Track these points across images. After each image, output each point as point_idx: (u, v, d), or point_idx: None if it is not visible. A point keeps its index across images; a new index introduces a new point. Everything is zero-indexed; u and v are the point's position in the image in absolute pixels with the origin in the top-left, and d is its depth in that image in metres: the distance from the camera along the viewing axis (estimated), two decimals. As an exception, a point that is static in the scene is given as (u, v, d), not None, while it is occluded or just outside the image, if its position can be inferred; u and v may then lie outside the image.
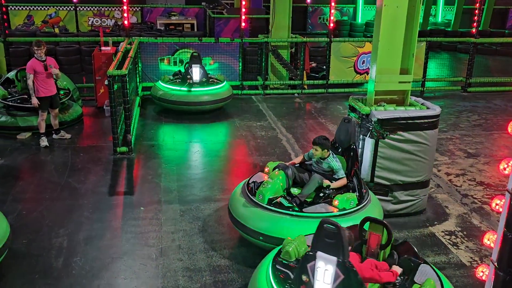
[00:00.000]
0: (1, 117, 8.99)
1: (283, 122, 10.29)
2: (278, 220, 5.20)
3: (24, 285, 4.90)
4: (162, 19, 18.00)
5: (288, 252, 4.21)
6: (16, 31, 15.30)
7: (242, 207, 5.47)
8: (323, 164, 5.74)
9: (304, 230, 4.92)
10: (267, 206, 5.30)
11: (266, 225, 5.22)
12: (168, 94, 10.37)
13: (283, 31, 12.40)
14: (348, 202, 5.30)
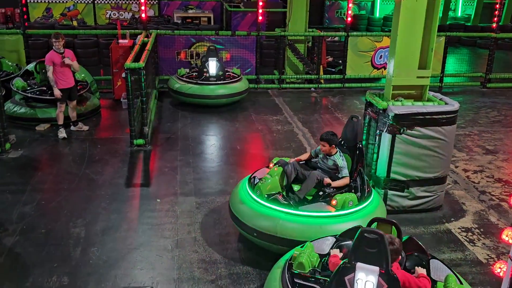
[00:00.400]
0: (21, 109, 9.12)
1: (299, 117, 10.27)
2: (272, 217, 5.08)
3: (43, 274, 4.98)
4: (179, 12, 18.04)
5: (302, 263, 4.01)
6: (35, 23, 15.49)
7: (240, 201, 5.39)
8: (329, 160, 5.65)
9: (298, 229, 4.92)
10: (263, 203, 5.20)
11: (260, 222, 5.11)
12: (184, 87, 10.41)
13: (300, 25, 12.35)
14: (346, 202, 5.15)
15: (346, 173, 5.56)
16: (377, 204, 5.50)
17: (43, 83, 9.43)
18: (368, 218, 4.96)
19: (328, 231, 4.82)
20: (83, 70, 10.30)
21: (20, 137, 8.52)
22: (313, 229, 4.92)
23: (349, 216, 5.11)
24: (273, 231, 5.01)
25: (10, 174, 7.23)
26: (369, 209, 5.30)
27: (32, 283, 4.84)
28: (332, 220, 5.03)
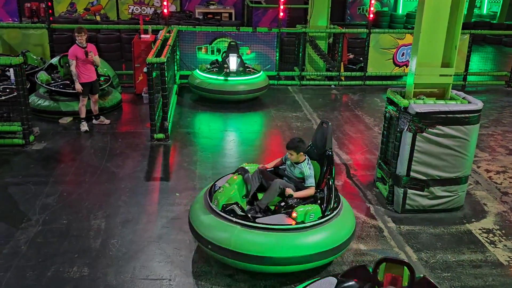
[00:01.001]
0: (45, 102, 9.28)
1: (319, 114, 10.23)
2: (226, 229, 4.74)
3: (64, 263, 5.08)
4: (200, 8, 18.11)
5: None
6: (59, 18, 15.71)
7: (197, 211, 5.10)
8: (296, 169, 5.38)
9: (254, 242, 4.61)
10: (219, 213, 4.88)
11: (214, 233, 4.78)
12: (205, 82, 10.46)
13: (322, 22, 12.29)
14: (308, 215, 4.79)
15: (311, 183, 5.26)
16: (347, 217, 5.17)
17: (66, 77, 9.57)
18: (332, 232, 4.85)
19: (285, 245, 4.63)
20: (105, 64, 10.43)
21: (43, 129, 8.68)
22: (270, 243, 4.63)
23: (310, 230, 4.77)
24: (227, 244, 4.68)
25: (34, 166, 7.37)
26: (335, 223, 4.96)
27: (53, 273, 4.93)
28: (291, 234, 4.70)
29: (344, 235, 5.00)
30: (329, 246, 4.83)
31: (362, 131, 9.36)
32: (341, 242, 4.95)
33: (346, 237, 5.02)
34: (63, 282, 4.82)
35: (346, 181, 7.27)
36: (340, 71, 12.40)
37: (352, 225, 5.19)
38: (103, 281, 4.85)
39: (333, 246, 4.87)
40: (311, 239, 4.75)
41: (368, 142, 8.78)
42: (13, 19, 17.55)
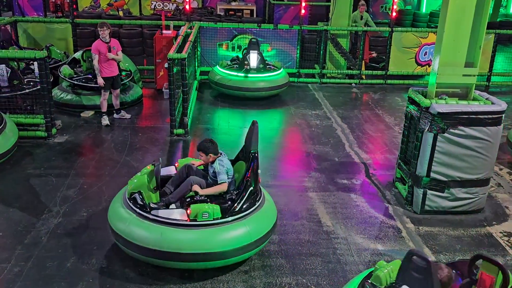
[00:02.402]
0: (67, 95, 9.41)
1: (339, 112, 10.17)
2: (122, 217, 4.87)
3: (83, 255, 5.15)
4: (222, 4, 18.13)
5: (379, 276, 3.80)
6: (83, 13, 15.88)
7: (117, 196, 5.26)
8: (211, 169, 5.34)
9: (140, 234, 4.68)
10: (120, 201, 5.05)
11: (112, 220, 4.97)
12: (225, 79, 10.48)
13: (343, 19, 12.20)
14: (200, 214, 4.73)
15: (222, 179, 5.19)
16: (254, 222, 4.95)
17: (89, 71, 9.69)
18: (227, 234, 4.73)
19: (169, 239, 4.64)
20: (127, 59, 10.52)
21: (66, 122, 8.80)
22: (154, 235, 4.67)
23: (206, 228, 4.73)
24: (122, 232, 4.80)
25: (56, 158, 7.49)
26: (233, 226, 4.83)
27: (72, 264, 5.01)
28: (177, 230, 4.70)
29: (244, 239, 4.83)
30: (218, 248, 4.72)
31: (382, 130, 9.28)
32: (238, 246, 4.80)
33: (246, 241, 4.85)
34: (82, 273, 4.89)
35: (365, 180, 7.22)
36: (361, 70, 12.30)
37: (261, 231, 4.98)
38: (120, 274, 4.91)
39: (225, 249, 4.75)
40: (198, 237, 4.69)
41: (388, 142, 8.70)
42: (38, 14, 17.82)
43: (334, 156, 8.00)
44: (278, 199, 6.47)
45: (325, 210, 6.32)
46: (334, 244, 5.59)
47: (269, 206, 5.32)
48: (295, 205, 6.41)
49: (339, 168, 7.56)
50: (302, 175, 7.29)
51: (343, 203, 6.52)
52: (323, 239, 5.68)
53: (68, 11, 12.98)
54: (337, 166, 7.63)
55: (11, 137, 7.29)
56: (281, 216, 6.10)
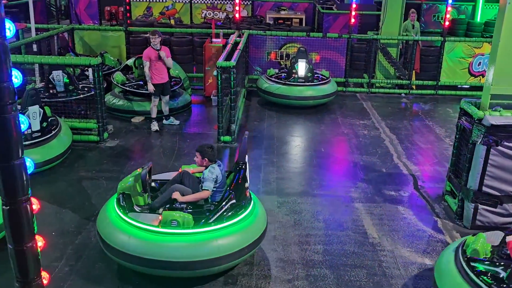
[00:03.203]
0: (119, 101, 9.71)
1: (387, 122, 9.98)
2: (104, 218, 5.05)
3: (129, 257, 5.27)
4: (271, 13, 18.23)
5: (477, 250, 4.27)
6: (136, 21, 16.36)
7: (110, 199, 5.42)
8: (202, 174, 5.32)
9: (112, 233, 4.79)
10: (108, 202, 5.22)
11: (98, 219, 5.16)
12: (272, 87, 10.52)
13: (394, 29, 11.99)
14: (169, 221, 4.71)
15: (206, 186, 5.13)
16: (224, 235, 4.80)
17: (140, 77, 9.97)
18: (189, 244, 4.65)
19: (134, 243, 4.67)
20: (177, 67, 10.75)
21: (117, 127, 9.08)
22: (123, 237, 4.74)
23: (173, 236, 4.69)
24: (100, 229, 4.99)
25: (106, 161, 7.72)
26: (200, 236, 4.72)
27: (120, 266, 5.13)
28: (145, 234, 4.71)
29: (210, 253, 4.71)
30: (178, 257, 4.66)
31: (432, 141, 9.03)
32: (203, 259, 4.69)
33: (213, 255, 4.71)
34: (128, 276, 5.01)
35: (413, 192, 7.03)
36: (411, 80, 12.04)
37: (232, 247, 4.81)
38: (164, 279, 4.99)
39: (186, 259, 4.66)
40: (161, 244, 4.65)
41: (438, 153, 8.45)
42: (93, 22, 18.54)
43: (382, 167, 7.85)
44: (323, 209, 6.44)
45: (371, 221, 6.20)
46: (380, 256, 5.46)
47: (253, 222, 5.07)
48: (340, 215, 6.32)
49: (387, 179, 7.41)
50: (349, 185, 7.19)
51: (390, 215, 6.37)
52: (368, 251, 5.57)
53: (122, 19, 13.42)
54: (384, 177, 7.48)
55: (66, 140, 7.59)
56: (326, 226, 6.05)
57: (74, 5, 18.84)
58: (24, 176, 2.39)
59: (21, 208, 2.40)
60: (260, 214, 5.27)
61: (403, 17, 12.03)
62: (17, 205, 2.40)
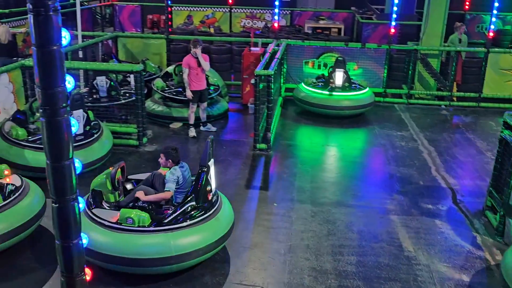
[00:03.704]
0: (159, 107, 9.92)
1: (426, 134, 9.82)
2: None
3: (165, 260, 5.38)
4: (310, 23, 18.25)
5: None
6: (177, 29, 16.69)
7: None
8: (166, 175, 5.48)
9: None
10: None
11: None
12: (309, 96, 10.52)
13: (435, 39, 11.80)
14: (125, 218, 4.94)
15: (168, 187, 5.32)
16: (177, 236, 4.94)
17: (179, 84, 10.15)
18: (140, 241, 4.83)
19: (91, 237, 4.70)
20: (216, 74, 10.90)
21: (156, 132, 9.27)
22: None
23: (126, 233, 4.89)
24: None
25: (145, 166, 7.90)
26: (152, 235, 4.92)
27: (155, 267, 5.25)
28: (102, 230, 4.93)
29: (162, 251, 4.88)
30: (128, 253, 4.85)
31: (473, 155, 8.82)
32: (155, 257, 4.86)
33: (165, 254, 4.87)
34: (163, 277, 5.10)
35: (452, 206, 6.89)
36: (452, 91, 11.81)
37: (183, 248, 4.94)
38: (199, 281, 5.07)
39: (136, 256, 4.85)
40: (112, 240, 4.86)
41: (478, 167, 8.25)
42: (136, 29, 19.04)
43: (419, 179, 7.73)
44: (357, 220, 6.40)
45: (407, 234, 6.11)
46: (415, 270, 5.38)
47: (213, 225, 5.19)
48: (375, 227, 6.26)
49: (424, 192, 7.29)
50: (384, 197, 7.11)
51: (426, 228, 6.27)
52: (403, 264, 5.49)
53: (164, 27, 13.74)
54: (421, 190, 7.36)
55: (107, 144, 7.81)
56: (360, 237, 6.00)
57: (118, 14, 19.42)
58: (73, 176, 2.51)
59: (69, 206, 2.53)
60: (224, 217, 5.38)
61: (445, 28, 11.83)
62: (66, 203, 2.52)
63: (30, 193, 5.50)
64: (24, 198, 5.39)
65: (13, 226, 5.15)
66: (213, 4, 19.16)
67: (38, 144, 7.08)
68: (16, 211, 5.23)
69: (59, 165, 2.46)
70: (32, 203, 5.45)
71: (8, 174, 5.47)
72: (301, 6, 20.75)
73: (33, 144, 7.09)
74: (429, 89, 12.10)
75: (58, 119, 2.40)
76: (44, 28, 2.34)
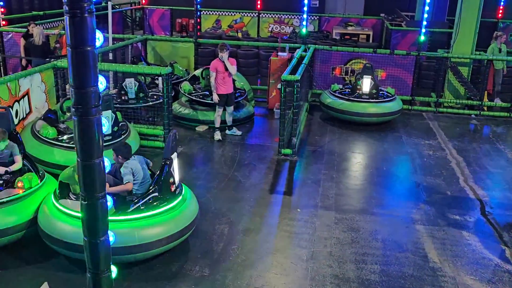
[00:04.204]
0: (185, 110, 10.01)
1: (455, 144, 9.64)
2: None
3: (188, 262, 5.42)
4: (338, 29, 18.18)
5: None
6: (205, 33, 16.86)
7: None
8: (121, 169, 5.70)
9: (53, 221, 5.17)
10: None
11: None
12: (336, 103, 10.46)
13: (466, 47, 11.60)
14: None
15: (127, 179, 5.55)
16: (138, 223, 5.19)
17: (206, 88, 10.24)
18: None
19: (60, 229, 5.11)
20: (242, 78, 10.95)
21: (181, 135, 9.35)
22: (54, 222, 5.19)
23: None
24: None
25: (170, 167, 7.97)
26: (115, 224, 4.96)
27: (177, 268, 5.29)
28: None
29: (127, 240, 5.04)
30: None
31: (504, 166, 8.62)
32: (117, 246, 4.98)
33: (129, 243, 5.06)
34: (185, 278, 5.14)
35: (480, 218, 6.75)
36: (482, 101, 11.58)
37: (151, 236, 5.20)
38: (221, 284, 5.08)
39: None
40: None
41: (509, 179, 8.06)
42: (165, 33, 19.29)
43: (446, 189, 7.60)
44: (382, 228, 6.32)
45: (432, 245, 6.00)
46: (440, 282, 5.28)
47: (174, 216, 5.39)
48: (400, 236, 6.17)
49: (451, 203, 7.15)
50: (410, 206, 7.01)
51: (453, 240, 6.15)
52: (428, 275, 5.40)
53: (192, 31, 13.86)
54: (449, 200, 7.23)
55: (134, 145, 7.88)
56: (384, 245, 5.93)
57: (148, 17, 19.72)
58: (102, 174, 2.56)
59: (98, 204, 2.57)
60: (185, 210, 5.58)
61: (476, 35, 11.62)
62: (95, 201, 2.57)
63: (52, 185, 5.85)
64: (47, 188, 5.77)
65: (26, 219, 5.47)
66: (242, 9, 19.28)
67: (67, 143, 7.24)
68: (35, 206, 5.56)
69: (89, 163, 2.51)
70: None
71: (21, 186, 5.61)
72: (329, 12, 20.68)
73: (62, 143, 7.24)
74: (459, 98, 11.90)
75: (89, 118, 2.46)
76: (79, 29, 2.41)
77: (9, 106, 7.28)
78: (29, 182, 5.60)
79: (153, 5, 19.92)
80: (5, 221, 5.23)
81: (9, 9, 15.36)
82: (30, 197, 5.54)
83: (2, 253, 5.37)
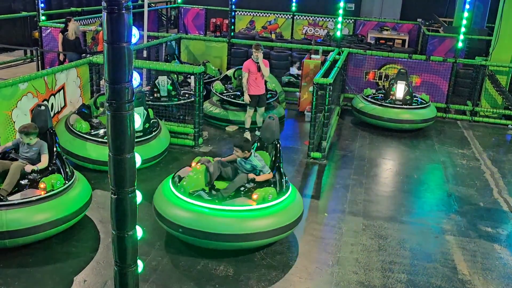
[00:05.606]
0: (216, 109, 10.06)
1: (490, 154, 9.39)
2: (196, 213, 5.34)
3: (212, 261, 5.42)
4: (373, 33, 17.97)
5: None
6: (238, 33, 16.92)
7: (164, 199, 5.61)
8: (246, 164, 5.97)
9: (222, 223, 5.24)
10: (186, 199, 5.43)
11: (185, 217, 5.35)
12: (368, 107, 10.33)
13: (506, 55, 11.29)
14: (267, 196, 5.47)
15: (267, 170, 5.98)
16: (294, 198, 5.83)
17: (237, 88, 10.27)
18: (287, 211, 5.56)
19: (249, 224, 5.30)
20: (274, 80, 10.93)
21: (211, 134, 9.41)
22: (236, 222, 5.29)
23: (269, 209, 5.45)
24: (197, 226, 5.28)
25: (199, 166, 8.02)
26: (287, 202, 5.64)
27: (202, 267, 5.31)
28: (253, 214, 5.38)
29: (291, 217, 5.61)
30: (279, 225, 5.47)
31: (539, 179, 8.35)
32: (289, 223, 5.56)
33: (294, 218, 5.64)
34: (209, 277, 5.15)
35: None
36: (520, 111, 11.24)
37: (300, 205, 5.90)
38: (244, 284, 5.07)
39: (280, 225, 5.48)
40: (270, 219, 5.41)
41: (545, 193, 7.81)
42: (199, 32, 19.46)
43: (479, 200, 7.40)
44: (410, 237, 6.20)
45: (462, 256, 5.85)
46: (469, 295, 5.14)
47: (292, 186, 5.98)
48: (429, 246, 6.04)
49: (484, 214, 6.96)
50: (440, 216, 6.85)
51: (484, 252, 5.98)
52: (457, 287, 5.26)
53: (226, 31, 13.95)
54: (481, 212, 7.04)
55: (164, 142, 8.00)
56: (412, 255, 5.82)
57: (183, 16, 19.94)
58: (133, 169, 2.59)
59: (127, 198, 2.60)
60: (295, 202, 5.93)
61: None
62: (125, 195, 2.60)
63: (78, 184, 5.89)
64: (71, 190, 5.74)
65: (61, 215, 5.47)
66: (277, 10, 19.28)
67: (100, 137, 7.36)
68: (64, 201, 5.57)
69: (121, 157, 2.55)
70: (79, 194, 5.80)
71: (43, 188, 5.53)
72: (365, 15, 20.48)
73: (95, 137, 7.37)
74: (496, 107, 11.59)
75: (123, 113, 2.49)
76: (116, 25, 2.44)
77: (44, 100, 7.46)
78: (51, 185, 5.52)
79: (189, 4, 20.12)
80: (27, 221, 5.19)
81: (49, 5, 15.78)
82: (53, 199, 5.44)
83: (31, 250, 5.48)
